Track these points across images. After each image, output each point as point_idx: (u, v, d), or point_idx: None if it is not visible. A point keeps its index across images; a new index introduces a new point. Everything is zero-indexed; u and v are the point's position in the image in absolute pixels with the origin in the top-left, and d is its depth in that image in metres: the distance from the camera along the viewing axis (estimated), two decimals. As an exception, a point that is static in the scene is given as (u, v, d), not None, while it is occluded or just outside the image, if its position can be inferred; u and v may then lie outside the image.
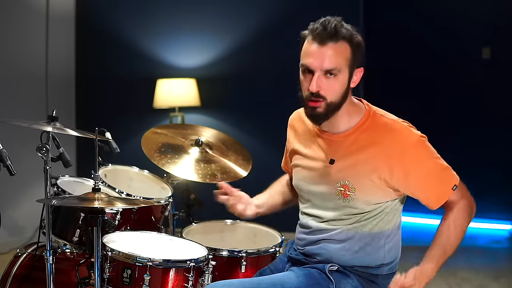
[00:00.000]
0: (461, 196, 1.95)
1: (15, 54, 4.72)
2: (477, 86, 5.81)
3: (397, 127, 1.92)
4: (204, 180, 2.86)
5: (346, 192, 1.93)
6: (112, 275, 2.18)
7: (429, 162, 1.92)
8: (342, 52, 1.85)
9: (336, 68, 1.84)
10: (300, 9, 4.94)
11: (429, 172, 1.92)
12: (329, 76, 1.85)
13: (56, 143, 2.32)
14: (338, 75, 1.85)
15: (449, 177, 1.94)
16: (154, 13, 5.28)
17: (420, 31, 5.95)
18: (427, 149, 1.92)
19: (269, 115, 4.96)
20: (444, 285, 4.05)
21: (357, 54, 1.88)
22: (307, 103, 1.90)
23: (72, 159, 3.70)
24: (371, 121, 1.94)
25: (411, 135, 1.90)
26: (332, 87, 1.86)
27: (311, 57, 1.86)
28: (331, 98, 1.87)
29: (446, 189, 1.93)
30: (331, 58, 1.84)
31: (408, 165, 1.89)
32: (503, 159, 5.71)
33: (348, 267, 1.97)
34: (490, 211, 5.77)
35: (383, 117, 1.95)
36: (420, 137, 1.91)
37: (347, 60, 1.86)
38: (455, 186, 1.93)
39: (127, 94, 5.37)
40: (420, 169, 1.91)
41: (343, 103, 1.91)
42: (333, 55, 1.84)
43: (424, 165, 1.91)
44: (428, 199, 1.96)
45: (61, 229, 2.54)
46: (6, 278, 2.51)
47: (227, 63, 5.16)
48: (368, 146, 1.91)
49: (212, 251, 2.38)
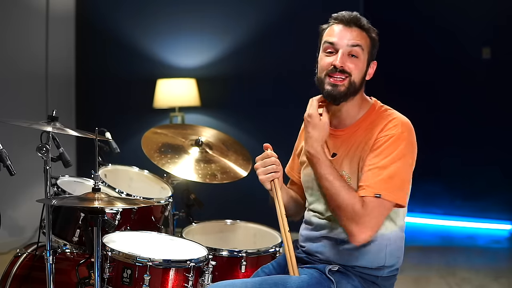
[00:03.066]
0: (370, 210, 1.81)
1: (15, 54, 4.72)
2: (477, 86, 5.81)
3: (393, 117, 1.91)
4: (204, 180, 2.86)
5: None
6: (112, 275, 2.18)
7: (387, 158, 1.84)
8: (364, 39, 1.94)
9: (360, 45, 1.91)
10: (300, 9, 4.94)
11: (379, 165, 1.84)
12: (352, 57, 1.91)
13: (56, 143, 2.32)
14: (360, 57, 1.92)
15: (385, 184, 1.81)
16: (154, 13, 5.28)
17: (420, 31, 5.96)
18: (396, 148, 1.84)
19: (269, 115, 4.97)
20: (444, 285, 4.05)
21: (374, 47, 1.97)
22: (329, 80, 1.92)
23: (72, 159, 3.70)
24: (375, 114, 1.96)
25: (397, 128, 1.87)
26: (356, 66, 1.92)
27: (337, 35, 1.93)
28: (355, 77, 1.91)
29: (372, 188, 1.82)
30: (356, 37, 1.92)
31: (373, 146, 1.88)
32: (503, 159, 5.72)
33: (349, 267, 1.96)
34: (490, 211, 5.78)
35: (388, 110, 1.97)
36: (403, 133, 1.86)
37: (367, 48, 1.95)
38: (380, 195, 1.81)
39: (127, 94, 5.37)
40: (377, 155, 1.86)
41: (360, 89, 1.95)
42: (357, 36, 1.92)
43: (381, 155, 1.85)
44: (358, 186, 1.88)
45: (61, 229, 2.54)
46: (6, 278, 2.51)
47: (227, 63, 5.16)
48: (365, 137, 1.93)
49: (212, 251, 2.38)
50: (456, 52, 5.85)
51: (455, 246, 5.33)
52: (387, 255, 1.96)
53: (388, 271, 1.98)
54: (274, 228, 2.69)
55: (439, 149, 5.84)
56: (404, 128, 1.87)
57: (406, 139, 1.87)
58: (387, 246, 1.95)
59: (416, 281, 4.10)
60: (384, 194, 1.81)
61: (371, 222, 1.82)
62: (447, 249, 5.17)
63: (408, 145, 1.86)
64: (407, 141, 1.86)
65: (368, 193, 1.83)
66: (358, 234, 1.82)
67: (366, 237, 1.83)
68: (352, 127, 1.97)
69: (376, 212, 1.82)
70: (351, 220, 1.83)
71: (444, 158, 5.89)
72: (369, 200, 1.82)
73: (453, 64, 5.87)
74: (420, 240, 5.37)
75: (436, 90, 5.99)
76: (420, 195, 4.77)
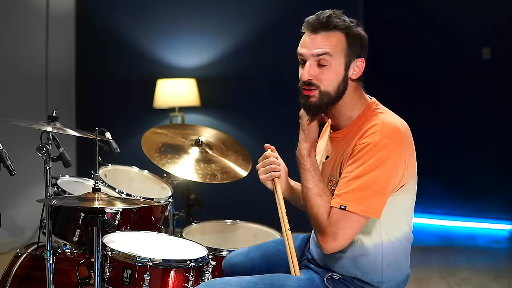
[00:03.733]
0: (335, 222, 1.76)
1: (15, 54, 4.72)
2: (477, 86, 5.81)
3: (375, 123, 1.80)
4: (204, 180, 2.86)
5: (331, 188, 1.89)
6: (112, 275, 2.18)
7: (361, 167, 1.76)
8: (335, 41, 1.82)
9: (326, 53, 1.81)
10: (300, 9, 4.93)
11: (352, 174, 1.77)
12: (322, 66, 1.83)
13: (56, 143, 2.32)
14: (331, 64, 1.82)
15: (354, 195, 1.75)
16: (154, 13, 5.28)
17: (420, 31, 5.95)
18: (372, 156, 1.75)
19: (269, 115, 4.97)
20: (444, 285, 4.05)
21: (355, 45, 1.84)
22: (302, 93, 1.88)
23: (72, 159, 3.70)
24: (365, 118, 1.87)
25: (375, 136, 1.77)
26: (326, 76, 1.83)
27: (304, 46, 1.87)
28: (325, 87, 1.83)
29: (340, 198, 1.77)
30: (320, 44, 1.82)
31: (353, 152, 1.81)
32: (503, 158, 5.71)
33: (348, 278, 1.90)
34: (490, 211, 5.78)
35: (377, 113, 1.86)
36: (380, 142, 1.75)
37: (342, 49, 1.83)
38: (345, 207, 1.75)
39: (127, 94, 5.37)
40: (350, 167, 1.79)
41: (340, 95, 1.86)
42: (322, 41, 1.82)
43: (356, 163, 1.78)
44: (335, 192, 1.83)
45: (61, 229, 2.54)
46: (6, 278, 2.51)
47: (227, 63, 5.16)
48: (351, 140, 1.85)
49: (212, 251, 2.39)
50: (456, 52, 5.85)
51: (455, 246, 5.32)
52: (384, 269, 1.87)
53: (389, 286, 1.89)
54: (275, 228, 2.69)
55: (439, 149, 5.83)
56: (383, 136, 1.76)
57: (386, 147, 1.75)
58: (382, 260, 1.87)
59: (416, 281, 4.10)
60: (350, 206, 1.75)
61: (337, 233, 1.76)
62: (447, 249, 5.16)
63: (388, 153, 1.75)
64: (387, 149, 1.75)
65: (334, 204, 1.78)
66: (322, 243, 1.80)
67: (333, 247, 1.78)
68: (345, 130, 1.91)
69: (341, 224, 1.76)
70: (317, 230, 1.82)
71: (444, 158, 5.89)
72: (334, 212, 1.78)
73: (453, 64, 5.86)
74: (420, 240, 5.37)
75: (436, 90, 5.98)
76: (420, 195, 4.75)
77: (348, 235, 1.77)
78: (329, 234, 1.78)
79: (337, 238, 1.77)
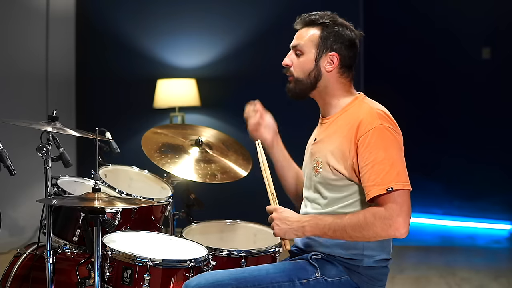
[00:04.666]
0: (389, 205, 1.84)
1: (15, 54, 4.72)
2: (477, 86, 5.81)
3: (366, 111, 1.96)
4: (204, 180, 2.86)
5: (317, 168, 2.02)
6: (112, 275, 2.18)
7: (378, 152, 1.88)
8: (310, 34, 2.06)
9: (299, 45, 2.07)
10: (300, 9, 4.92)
11: (374, 161, 1.87)
12: (298, 55, 2.08)
13: (56, 143, 2.32)
14: (304, 55, 2.06)
15: (390, 176, 1.85)
16: (154, 13, 5.28)
17: (420, 31, 5.96)
18: (383, 139, 1.89)
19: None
20: (444, 285, 4.06)
21: (328, 39, 2.03)
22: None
23: (72, 159, 3.69)
24: (355, 105, 2.03)
25: (374, 121, 1.91)
26: (298, 65, 2.07)
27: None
28: (297, 74, 2.08)
29: (380, 184, 1.85)
30: (300, 37, 2.09)
31: (359, 147, 1.91)
32: (503, 159, 5.72)
33: (330, 256, 2.00)
34: (490, 211, 5.78)
35: (365, 103, 2.02)
36: (381, 125, 1.90)
37: (314, 42, 2.05)
38: (391, 188, 1.83)
39: (127, 94, 5.37)
40: (367, 155, 1.89)
41: (313, 82, 2.05)
42: (300, 35, 2.09)
43: (371, 152, 1.88)
44: (365, 186, 1.90)
45: (61, 229, 2.53)
46: (6, 278, 2.51)
47: (227, 63, 5.16)
48: (340, 125, 2.01)
49: (212, 251, 2.38)
50: (456, 52, 5.85)
51: (455, 246, 5.33)
52: (365, 244, 1.96)
53: (371, 261, 1.98)
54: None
55: (439, 149, 5.83)
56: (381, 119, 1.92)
57: (387, 128, 1.91)
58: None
59: (416, 281, 4.10)
60: (394, 185, 1.84)
61: (401, 213, 1.82)
62: (447, 249, 5.17)
63: (392, 132, 1.91)
64: (389, 129, 1.91)
65: (379, 191, 1.84)
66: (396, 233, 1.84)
67: (406, 228, 1.83)
68: (334, 116, 2.06)
69: (398, 203, 1.83)
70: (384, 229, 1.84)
71: (444, 158, 5.89)
72: (384, 199, 1.84)
73: (453, 64, 5.86)
74: (420, 240, 5.37)
75: (436, 90, 5.99)
76: (420, 195, 4.78)
77: (407, 211, 1.84)
78: (396, 220, 1.82)
79: (402, 216, 1.82)
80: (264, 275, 1.96)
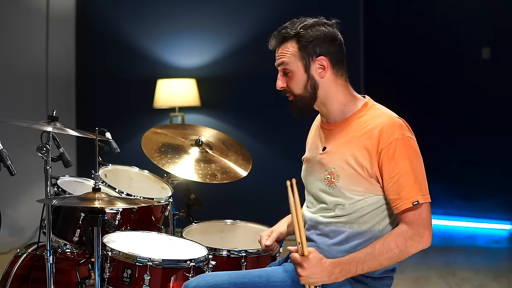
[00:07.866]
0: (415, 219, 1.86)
1: (15, 54, 4.72)
2: (477, 86, 5.81)
3: (386, 120, 1.92)
4: (204, 180, 2.86)
5: (331, 180, 1.95)
6: (112, 275, 2.18)
7: (403, 164, 1.87)
8: (288, 49, 1.98)
9: (283, 63, 1.99)
10: (299, 9, 4.92)
11: (400, 173, 1.87)
12: (286, 75, 2.00)
13: (56, 143, 2.33)
14: (292, 71, 1.98)
15: (415, 189, 1.86)
16: (154, 13, 5.28)
17: (420, 31, 5.95)
18: (407, 150, 1.88)
19: (269, 115, 4.96)
20: (444, 285, 4.06)
21: (308, 46, 1.95)
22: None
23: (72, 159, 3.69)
24: (367, 111, 1.97)
25: (395, 131, 1.88)
26: (291, 82, 1.99)
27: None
28: (296, 91, 1.99)
29: (407, 198, 1.86)
30: (280, 55, 2.01)
31: (384, 158, 1.88)
32: (503, 159, 5.72)
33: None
34: (490, 211, 5.78)
35: (379, 110, 1.97)
36: (403, 136, 1.89)
37: (296, 55, 1.97)
38: (417, 202, 1.85)
39: (127, 94, 5.37)
40: (392, 167, 1.87)
41: (313, 94, 1.98)
42: (280, 54, 2.01)
43: (397, 164, 1.87)
44: (390, 198, 1.89)
45: (61, 229, 2.54)
46: (6, 278, 2.51)
47: (227, 63, 5.16)
48: (357, 135, 1.93)
49: (212, 251, 2.39)
50: (456, 52, 5.85)
51: (455, 246, 5.33)
52: None
53: (379, 272, 1.94)
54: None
55: (438, 149, 5.83)
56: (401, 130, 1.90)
57: (409, 138, 1.90)
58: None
59: (416, 281, 4.10)
60: (420, 198, 1.86)
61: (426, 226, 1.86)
62: (447, 249, 5.16)
63: (412, 142, 1.91)
64: (410, 139, 1.90)
65: (406, 206, 1.85)
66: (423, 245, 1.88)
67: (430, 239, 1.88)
68: (343, 122, 1.99)
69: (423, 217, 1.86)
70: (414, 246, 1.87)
71: (444, 158, 5.89)
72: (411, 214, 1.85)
73: (453, 64, 5.86)
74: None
75: (436, 90, 5.98)
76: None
77: (431, 223, 1.89)
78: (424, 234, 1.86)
79: (429, 230, 1.87)
80: (264, 283, 1.93)
